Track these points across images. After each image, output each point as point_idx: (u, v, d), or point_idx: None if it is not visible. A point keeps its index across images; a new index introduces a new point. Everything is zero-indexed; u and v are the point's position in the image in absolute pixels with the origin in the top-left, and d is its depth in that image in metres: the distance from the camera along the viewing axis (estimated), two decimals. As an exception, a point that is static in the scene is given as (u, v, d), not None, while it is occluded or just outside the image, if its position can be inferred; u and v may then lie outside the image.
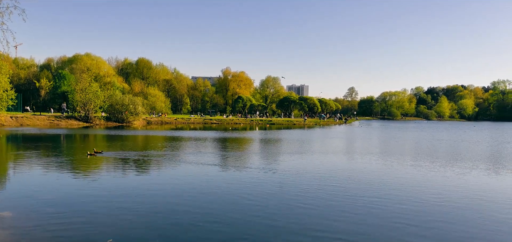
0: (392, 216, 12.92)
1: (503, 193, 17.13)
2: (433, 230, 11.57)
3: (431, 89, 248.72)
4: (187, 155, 29.00)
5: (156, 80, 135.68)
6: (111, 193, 15.71)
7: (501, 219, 12.89)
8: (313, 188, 17.31)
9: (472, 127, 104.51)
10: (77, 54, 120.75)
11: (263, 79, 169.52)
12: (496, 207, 14.53)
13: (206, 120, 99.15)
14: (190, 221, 12.10)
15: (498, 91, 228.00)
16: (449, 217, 12.95)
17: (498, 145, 44.52)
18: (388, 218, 12.70)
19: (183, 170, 22.11)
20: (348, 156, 31.09)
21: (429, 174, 22.05)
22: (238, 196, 15.50)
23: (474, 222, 12.50)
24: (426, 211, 13.70)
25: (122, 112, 77.01)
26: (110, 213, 12.86)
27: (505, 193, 17.26)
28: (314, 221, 12.34)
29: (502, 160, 29.92)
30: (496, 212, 13.81)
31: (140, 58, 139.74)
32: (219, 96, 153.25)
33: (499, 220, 12.76)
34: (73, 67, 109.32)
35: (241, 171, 21.83)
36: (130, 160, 25.60)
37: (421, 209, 13.97)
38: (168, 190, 16.53)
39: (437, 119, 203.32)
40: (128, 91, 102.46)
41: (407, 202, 14.99)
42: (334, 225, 11.94)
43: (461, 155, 32.86)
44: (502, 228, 11.94)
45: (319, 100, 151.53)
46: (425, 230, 11.56)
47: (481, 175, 22.12)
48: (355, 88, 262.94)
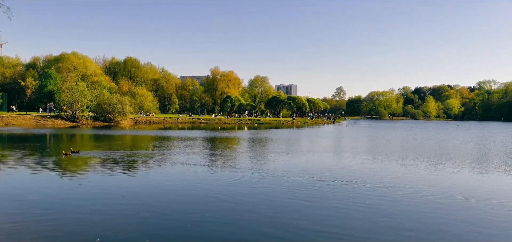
0: (381, 214, 13.09)
1: (486, 190, 17.43)
2: (423, 227, 11.75)
3: (418, 89, 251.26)
4: (175, 155, 28.91)
5: (144, 80, 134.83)
6: (98, 193, 15.62)
7: (487, 215, 13.13)
8: (303, 187, 17.41)
9: (455, 126, 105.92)
10: (63, 53, 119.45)
11: (252, 79, 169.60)
12: (481, 203, 14.80)
13: (195, 120, 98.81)
14: (177, 221, 12.11)
15: (484, 91, 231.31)
16: (436, 214, 13.14)
17: (478, 143, 45.23)
18: (376, 216, 12.86)
19: (170, 170, 22.05)
20: (338, 155, 31.31)
21: (416, 172, 22.34)
22: (226, 196, 15.52)
23: (460, 218, 12.72)
24: (414, 209, 13.90)
25: (110, 112, 76.37)
26: (97, 213, 12.80)
27: (489, 189, 17.56)
28: (303, 220, 12.43)
29: (484, 158, 30.43)
30: (482, 208, 14.07)
31: (128, 57, 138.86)
32: (208, 96, 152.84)
33: (485, 216, 12.99)
34: (60, 66, 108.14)
35: (229, 171, 21.85)
36: (116, 160, 25.44)
37: (411, 207, 14.17)
38: (155, 189, 16.49)
39: (424, 119, 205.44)
40: (115, 91, 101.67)
41: (396, 200, 15.18)
42: (324, 223, 12.04)
43: (445, 153, 33.34)
44: (488, 224, 12.17)
45: (307, 100, 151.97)
46: (414, 227, 11.73)
47: (465, 172, 22.49)
48: (343, 88, 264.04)
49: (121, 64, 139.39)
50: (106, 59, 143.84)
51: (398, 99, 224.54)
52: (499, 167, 25.99)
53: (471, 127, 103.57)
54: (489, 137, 59.10)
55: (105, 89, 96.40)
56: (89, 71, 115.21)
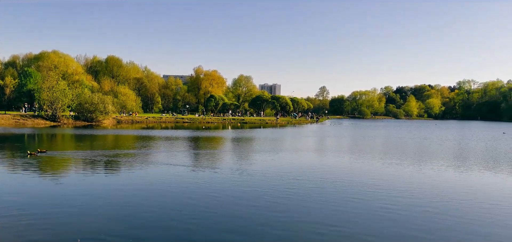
0: (366, 211, 13.25)
1: (463, 187, 17.79)
2: (408, 223, 11.93)
3: (399, 89, 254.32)
4: (157, 155, 28.73)
5: (127, 79, 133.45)
6: (78, 194, 15.45)
7: (467, 211, 13.40)
8: (286, 186, 17.51)
9: (434, 126, 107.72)
10: (44, 52, 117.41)
11: (236, 78, 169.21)
12: (459, 199, 15.11)
13: (178, 119, 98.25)
14: (157, 220, 12.05)
15: (463, 90, 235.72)
16: (421, 211, 13.37)
17: (450, 142, 46.12)
18: (362, 213, 13.01)
19: (152, 170, 21.91)
20: (322, 154, 31.54)
21: (400, 170, 22.68)
22: (210, 196, 15.53)
23: (442, 214, 12.97)
24: (400, 206, 14.10)
25: (91, 111, 75.41)
26: (78, 213, 12.66)
27: (459, 185, 17.93)
28: (288, 218, 12.50)
29: (461, 157, 31.04)
30: (461, 204, 14.38)
31: (110, 56, 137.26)
32: (191, 95, 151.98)
33: (465, 213, 13.26)
34: (40, 65, 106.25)
35: (212, 171, 21.82)
36: (96, 160, 25.14)
37: (396, 204, 14.36)
38: (136, 190, 16.37)
39: (405, 118, 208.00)
40: (97, 90, 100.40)
41: (378, 197, 15.37)
42: (309, 221, 12.12)
43: (425, 151, 33.91)
44: (470, 220, 12.43)
45: (291, 99, 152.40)
46: (401, 223, 11.91)
47: (443, 170, 22.94)
48: (326, 87, 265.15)
49: (103, 63, 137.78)
50: (87, 58, 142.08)
51: (380, 99, 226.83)
52: (476, 165, 26.51)
53: (449, 126, 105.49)
54: (463, 136, 60.24)
55: (87, 89, 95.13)
56: (70, 70, 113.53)
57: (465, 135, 63.65)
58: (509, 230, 11.85)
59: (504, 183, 19.83)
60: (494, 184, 19.31)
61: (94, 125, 70.86)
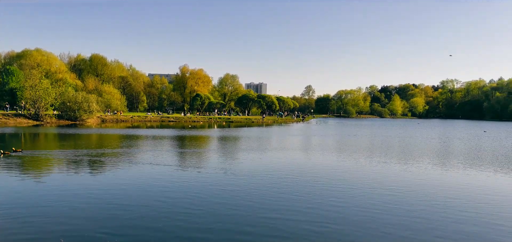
0: (350, 210, 13.34)
1: (438, 183, 18.04)
2: (395, 221, 12.03)
3: (384, 88, 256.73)
4: (142, 154, 28.48)
5: (111, 77, 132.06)
6: (59, 194, 15.23)
7: (448, 207, 13.59)
8: (273, 185, 17.54)
9: (416, 124, 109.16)
10: (26, 50, 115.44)
11: (222, 77, 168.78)
12: (444, 194, 15.29)
13: (164, 118, 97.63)
14: (142, 220, 11.95)
15: (447, 90, 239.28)
16: (403, 208, 13.51)
17: (430, 141, 46.76)
18: (348, 212, 13.09)
19: (136, 169, 21.70)
20: (309, 153, 31.64)
21: (383, 168, 22.87)
22: (195, 195, 15.47)
23: (421, 211, 13.11)
24: (387, 204, 14.21)
25: (75, 110, 74.46)
26: (61, 213, 12.49)
27: (438, 181, 18.18)
28: (274, 217, 12.49)
29: (441, 154, 31.50)
30: (443, 199, 14.54)
31: (94, 55, 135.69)
32: (177, 94, 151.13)
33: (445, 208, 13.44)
34: (22, 63, 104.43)
35: (198, 170, 21.73)
36: (78, 159, 24.83)
37: (379, 201, 14.48)
38: (119, 189, 16.22)
39: (390, 117, 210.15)
40: (81, 89, 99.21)
41: (364, 195, 15.49)
42: (296, 220, 12.14)
43: (409, 150, 34.31)
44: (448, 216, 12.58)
45: (277, 98, 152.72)
46: (388, 221, 12.00)
47: (424, 167, 23.23)
48: (312, 86, 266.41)
49: (87, 61, 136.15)
50: (71, 56, 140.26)
51: (365, 98, 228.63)
52: (460, 163, 26.91)
53: (432, 125, 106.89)
54: (446, 134, 61.13)
55: (71, 87, 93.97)
56: (53, 68, 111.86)
57: (447, 133, 64.57)
58: (492, 227, 12.01)
59: (488, 180, 20.14)
60: (478, 182, 19.59)
61: (78, 124, 69.98)
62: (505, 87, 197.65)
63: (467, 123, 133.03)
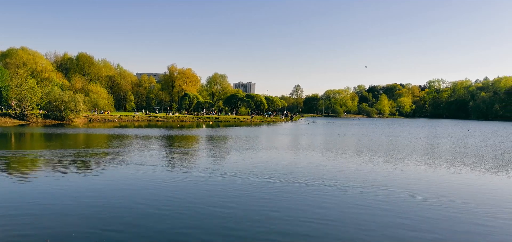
0: (339, 209, 13.40)
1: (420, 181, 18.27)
2: (385, 221, 12.14)
3: (372, 88, 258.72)
4: (129, 153, 28.29)
5: (98, 77, 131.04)
6: (46, 194, 15.04)
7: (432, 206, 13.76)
8: (261, 185, 17.55)
9: (401, 123, 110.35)
10: (11, 48, 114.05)
11: (210, 76, 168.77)
12: (421, 192, 15.49)
13: (151, 117, 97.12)
14: (128, 220, 11.85)
15: (433, 90, 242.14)
16: (387, 207, 13.64)
17: (412, 139, 47.35)
18: (336, 211, 13.14)
19: (123, 169, 21.53)
20: (298, 152, 31.69)
21: (374, 167, 23.06)
22: (182, 196, 15.42)
23: (406, 210, 13.26)
24: (377, 204, 14.33)
25: (62, 110, 73.70)
26: (47, 214, 12.34)
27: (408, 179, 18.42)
28: (262, 218, 12.51)
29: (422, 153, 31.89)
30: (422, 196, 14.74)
31: (81, 53, 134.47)
32: (165, 93, 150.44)
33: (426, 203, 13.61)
34: (8, 62, 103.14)
35: (185, 170, 21.64)
36: (64, 159, 24.58)
37: (372, 202, 14.59)
38: (106, 190, 16.07)
39: (378, 116, 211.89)
40: (68, 88, 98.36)
41: (353, 194, 15.59)
42: (283, 220, 12.18)
43: (396, 148, 34.66)
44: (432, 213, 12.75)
45: (266, 98, 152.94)
46: (377, 222, 12.11)
47: (412, 166, 23.50)
48: (300, 86, 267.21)
49: (73, 60, 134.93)
50: (57, 55, 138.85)
51: (353, 98, 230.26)
52: (445, 162, 27.26)
53: (416, 124, 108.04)
54: (432, 133, 61.88)
55: (57, 86, 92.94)
56: (39, 67, 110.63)
57: (431, 133, 65.34)
58: (474, 226, 12.18)
59: (471, 178, 20.42)
60: (462, 179, 19.85)
61: (64, 124, 69.28)
62: (490, 87, 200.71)
63: (452, 122, 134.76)
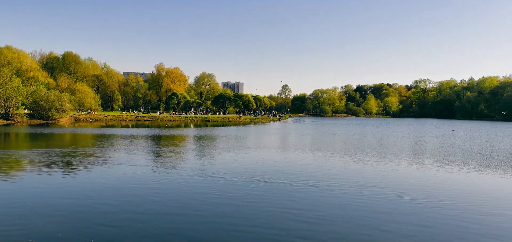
0: (329, 208, 13.51)
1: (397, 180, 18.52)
2: (371, 221, 12.28)
3: (359, 87, 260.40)
4: (116, 153, 28.10)
5: (85, 76, 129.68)
6: (31, 194, 14.90)
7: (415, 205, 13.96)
8: (250, 184, 17.61)
9: (386, 123, 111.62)
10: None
11: (198, 76, 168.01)
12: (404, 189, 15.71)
13: (139, 117, 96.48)
14: (115, 221, 11.80)
15: (420, 89, 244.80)
16: (384, 207, 13.80)
17: (403, 139, 47.96)
18: (325, 211, 13.26)
19: (110, 169, 21.38)
20: (288, 152, 31.82)
21: (361, 166, 23.29)
22: (170, 195, 15.42)
23: (391, 208, 13.45)
24: (365, 203, 14.49)
25: (47, 109, 72.81)
26: (32, 214, 12.23)
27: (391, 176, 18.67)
28: (247, 219, 12.57)
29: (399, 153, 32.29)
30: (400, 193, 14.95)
31: (67, 52, 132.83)
32: (152, 92, 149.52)
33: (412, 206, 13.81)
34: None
35: (172, 170, 21.60)
36: (49, 160, 24.33)
37: (359, 201, 14.74)
38: (92, 190, 15.95)
39: (365, 116, 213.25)
40: (54, 87, 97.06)
41: (341, 193, 15.73)
42: (269, 221, 12.25)
43: (381, 148, 35.03)
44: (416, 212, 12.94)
45: (254, 97, 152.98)
46: (365, 222, 12.24)
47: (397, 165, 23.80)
48: (288, 85, 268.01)
49: (59, 59, 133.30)
50: (43, 54, 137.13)
51: (341, 97, 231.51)
52: (430, 161, 27.63)
53: (401, 124, 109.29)
54: (416, 133, 62.64)
55: (42, 86, 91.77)
56: (24, 66, 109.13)
57: (417, 132, 66.08)
58: (461, 224, 12.39)
59: (453, 177, 20.74)
60: (441, 177, 20.15)
61: (50, 123, 68.46)
62: (475, 87, 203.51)
63: (438, 121, 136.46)
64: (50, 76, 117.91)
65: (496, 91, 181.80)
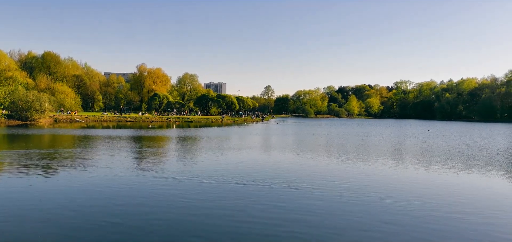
0: (307, 209, 13.62)
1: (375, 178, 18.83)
2: (352, 222, 12.42)
3: (341, 88, 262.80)
4: (96, 155, 27.76)
5: (65, 76, 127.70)
6: (8, 197, 14.64)
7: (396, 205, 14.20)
8: (233, 185, 17.62)
9: (365, 124, 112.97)
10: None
11: (181, 76, 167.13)
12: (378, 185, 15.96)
13: (120, 118, 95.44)
14: (91, 224, 11.67)
15: (400, 91, 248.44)
16: (365, 207, 13.98)
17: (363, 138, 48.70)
18: (304, 211, 13.35)
19: (89, 171, 21.09)
20: (271, 152, 31.91)
21: (342, 166, 23.54)
22: (151, 196, 15.31)
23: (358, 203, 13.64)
24: (345, 204, 14.64)
25: (26, 110, 71.45)
26: (9, 216, 12.03)
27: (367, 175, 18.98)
28: (235, 216, 12.59)
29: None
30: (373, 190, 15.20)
31: (47, 52, 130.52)
32: (134, 93, 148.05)
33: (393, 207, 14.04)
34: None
35: (155, 171, 21.46)
36: (28, 161, 23.91)
37: (339, 202, 14.89)
38: (71, 192, 15.74)
39: (347, 116, 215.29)
40: (33, 87, 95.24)
41: (321, 194, 15.87)
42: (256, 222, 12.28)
43: (362, 149, 35.47)
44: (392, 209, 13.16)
45: (237, 98, 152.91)
46: (346, 223, 12.37)
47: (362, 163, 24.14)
48: (271, 86, 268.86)
49: (39, 59, 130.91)
50: (22, 54, 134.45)
51: (323, 98, 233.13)
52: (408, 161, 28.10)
53: (380, 124, 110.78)
54: (391, 133, 63.59)
55: (21, 86, 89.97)
56: (2, 66, 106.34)
57: (394, 132, 67.02)
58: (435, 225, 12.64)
59: (425, 175, 21.14)
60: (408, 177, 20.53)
61: (29, 124, 67.19)
62: (454, 88, 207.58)
63: (418, 122, 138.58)
64: (29, 76, 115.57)
65: (474, 93, 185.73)
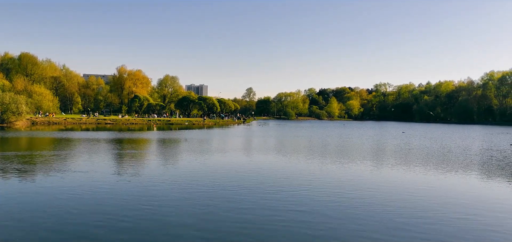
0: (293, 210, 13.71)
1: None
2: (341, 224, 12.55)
3: (322, 91, 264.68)
4: (74, 158, 27.36)
5: (43, 77, 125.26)
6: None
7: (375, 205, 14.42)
8: (214, 187, 17.63)
9: (342, 125, 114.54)
10: None
11: (161, 78, 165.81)
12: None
13: (100, 120, 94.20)
14: (73, 228, 11.54)
15: (380, 93, 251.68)
16: (341, 208, 14.14)
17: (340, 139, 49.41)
18: (283, 213, 13.44)
19: (66, 175, 20.78)
20: (251, 154, 31.96)
21: (323, 167, 23.76)
22: (132, 199, 15.20)
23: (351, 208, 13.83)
24: (331, 206, 14.78)
25: (2, 112, 69.91)
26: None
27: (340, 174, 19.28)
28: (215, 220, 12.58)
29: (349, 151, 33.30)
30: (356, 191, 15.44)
31: (24, 53, 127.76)
32: (114, 95, 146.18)
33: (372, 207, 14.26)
34: None
35: (134, 174, 21.30)
36: (3, 166, 23.43)
37: (324, 204, 15.03)
38: (49, 197, 15.51)
39: (328, 119, 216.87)
40: (9, 89, 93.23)
41: (303, 196, 16.00)
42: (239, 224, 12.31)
43: (343, 149, 35.85)
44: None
45: (218, 100, 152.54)
46: (333, 225, 12.49)
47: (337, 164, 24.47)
48: (253, 88, 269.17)
49: (15, 60, 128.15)
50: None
51: (304, 100, 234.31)
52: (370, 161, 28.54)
53: (356, 126, 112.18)
54: (366, 135, 64.54)
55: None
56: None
57: (372, 134, 67.94)
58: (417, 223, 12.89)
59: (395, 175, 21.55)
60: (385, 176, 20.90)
61: (5, 127, 65.78)
62: (433, 90, 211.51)
63: (396, 124, 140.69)
64: (5, 78, 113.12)
65: (451, 95, 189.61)
